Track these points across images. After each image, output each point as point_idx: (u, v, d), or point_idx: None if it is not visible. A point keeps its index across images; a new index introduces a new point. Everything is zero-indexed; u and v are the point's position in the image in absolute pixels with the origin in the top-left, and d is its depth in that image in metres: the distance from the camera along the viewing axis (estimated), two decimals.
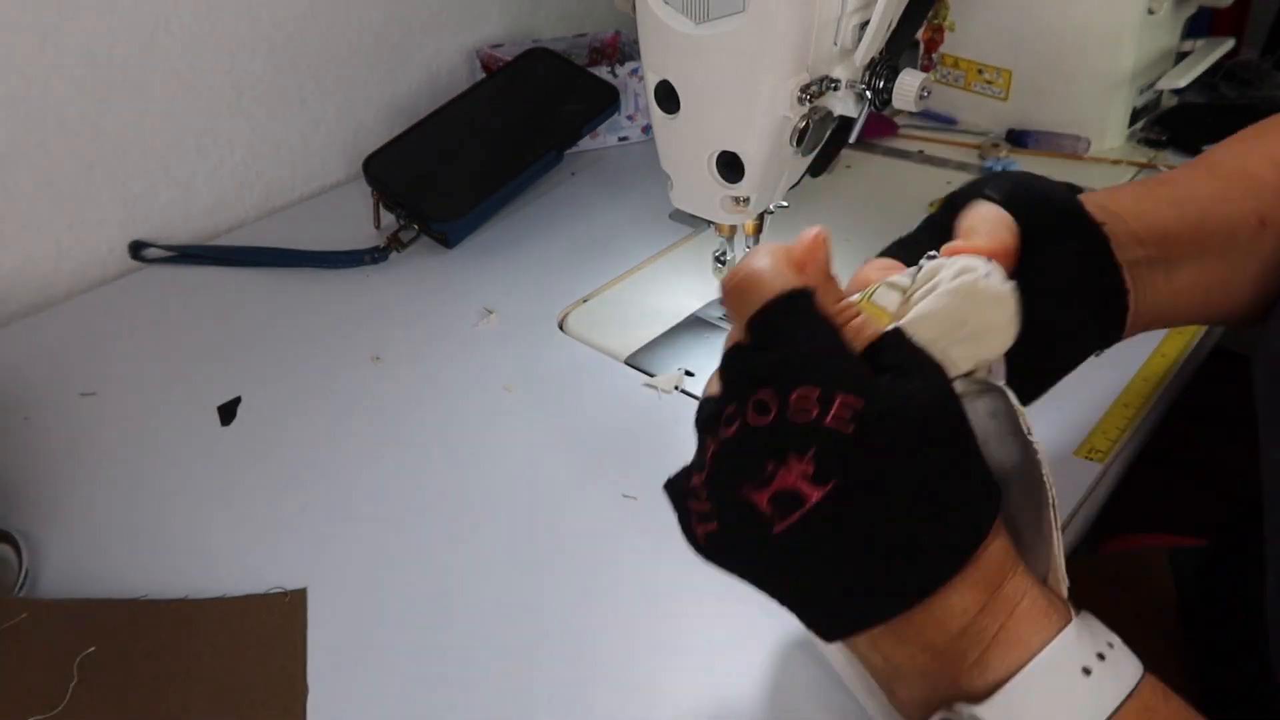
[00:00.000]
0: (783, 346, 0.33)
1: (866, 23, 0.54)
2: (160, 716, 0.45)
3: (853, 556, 0.32)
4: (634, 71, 0.95)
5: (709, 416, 0.34)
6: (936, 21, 0.97)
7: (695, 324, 0.72)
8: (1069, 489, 0.55)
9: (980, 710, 0.32)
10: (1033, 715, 0.32)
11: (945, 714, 0.34)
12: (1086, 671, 0.32)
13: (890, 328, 0.35)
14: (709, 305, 0.73)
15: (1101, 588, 0.69)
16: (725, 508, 0.33)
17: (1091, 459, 0.58)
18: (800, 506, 0.31)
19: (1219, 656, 0.59)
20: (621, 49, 1.05)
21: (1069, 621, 0.33)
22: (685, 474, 0.35)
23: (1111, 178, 0.88)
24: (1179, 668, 0.61)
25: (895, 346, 0.34)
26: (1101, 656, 0.33)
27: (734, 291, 0.35)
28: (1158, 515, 0.76)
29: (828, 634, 0.35)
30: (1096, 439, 0.59)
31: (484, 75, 0.97)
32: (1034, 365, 0.40)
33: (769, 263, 0.34)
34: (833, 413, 0.31)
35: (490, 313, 0.74)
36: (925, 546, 0.32)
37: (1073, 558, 0.42)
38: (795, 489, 0.31)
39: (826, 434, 0.31)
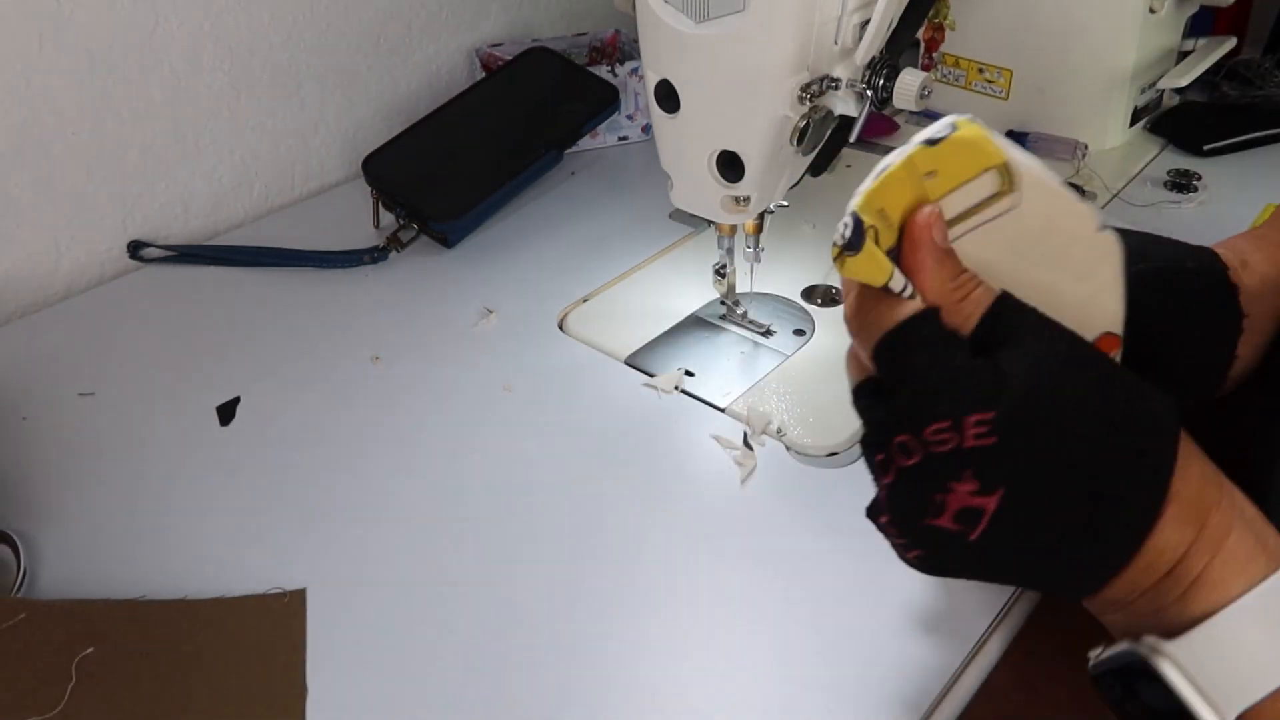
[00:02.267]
0: (905, 383, 0.34)
1: (867, 22, 0.54)
2: (159, 717, 0.45)
3: (1051, 538, 0.33)
4: (634, 71, 0.95)
5: (870, 462, 0.36)
6: (937, 21, 0.96)
7: (695, 324, 0.72)
8: None
9: (1168, 645, 0.33)
10: (1220, 660, 0.32)
11: (1131, 644, 0.34)
12: None
13: (998, 294, 0.35)
14: (709, 305, 0.73)
15: None
16: (918, 537, 0.35)
17: None
18: (983, 516, 0.33)
19: None
20: (621, 48, 1.05)
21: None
22: (876, 506, 0.37)
23: (1112, 178, 0.88)
24: None
25: (1003, 313, 0.35)
26: None
27: (856, 323, 0.36)
28: None
29: (1070, 597, 0.36)
30: None
31: (484, 75, 0.97)
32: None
33: (872, 293, 0.35)
34: (969, 434, 0.32)
35: (490, 312, 0.73)
36: (1118, 504, 0.33)
37: None
38: (970, 506, 0.33)
39: (974, 453, 0.32)
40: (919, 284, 0.35)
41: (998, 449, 0.32)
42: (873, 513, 0.37)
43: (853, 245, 0.34)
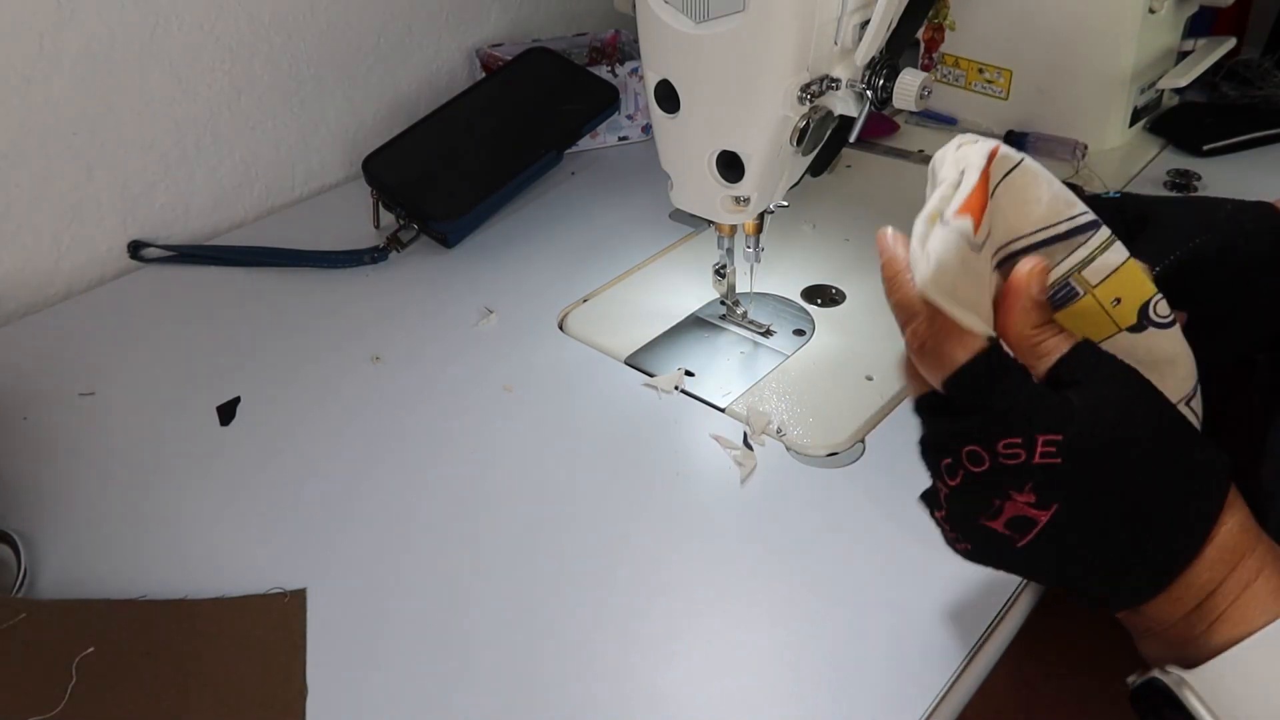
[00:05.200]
0: (980, 408, 0.36)
1: (867, 22, 0.54)
2: (159, 717, 0.45)
3: (1091, 558, 0.36)
4: (634, 71, 0.95)
5: (930, 467, 0.39)
6: (937, 21, 0.96)
7: (695, 324, 0.72)
8: None
9: (1189, 675, 0.36)
10: (1238, 689, 0.35)
11: (1159, 674, 0.37)
12: None
13: (1075, 344, 0.38)
14: (709, 305, 0.73)
15: None
16: (969, 534, 0.38)
17: None
18: (1034, 526, 0.36)
19: None
20: (621, 49, 1.05)
21: None
22: (932, 496, 0.40)
23: (1112, 178, 0.88)
24: None
25: (1081, 359, 0.37)
26: None
27: (924, 355, 0.38)
28: None
29: (1093, 609, 0.39)
30: None
31: (484, 75, 0.97)
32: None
33: (948, 324, 0.37)
34: (1038, 451, 0.35)
35: (490, 313, 0.73)
36: (1160, 539, 0.36)
37: None
38: (1024, 515, 0.36)
39: (1039, 469, 0.35)
40: (1003, 324, 0.38)
41: (1061, 469, 0.35)
42: (929, 503, 0.40)
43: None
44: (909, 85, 0.56)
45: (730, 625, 0.49)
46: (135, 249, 0.82)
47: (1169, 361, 0.41)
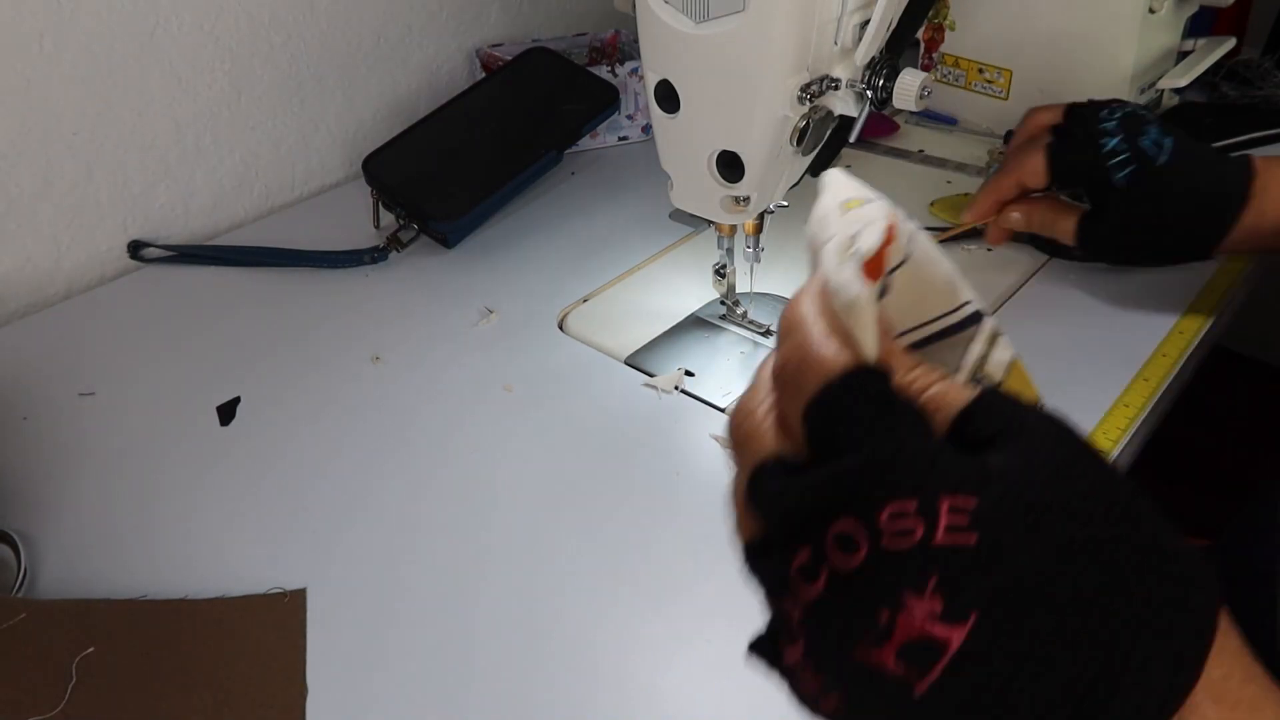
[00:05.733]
0: (853, 450, 0.24)
1: (867, 22, 0.54)
2: (159, 717, 0.45)
3: (1032, 701, 0.22)
4: (634, 71, 0.95)
5: (774, 576, 0.25)
6: (937, 21, 0.96)
7: (695, 324, 0.72)
8: None
9: None
10: None
11: None
12: None
13: (981, 391, 0.26)
14: (709, 305, 0.73)
15: None
16: (843, 677, 0.24)
17: None
18: (942, 654, 0.22)
19: None
20: (621, 49, 1.05)
21: None
22: (770, 638, 0.27)
23: None
24: None
25: (991, 411, 0.25)
26: None
27: (786, 380, 0.26)
28: None
29: None
30: (1098, 439, 0.59)
31: (484, 75, 0.97)
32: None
33: (823, 332, 0.25)
34: (942, 525, 0.23)
35: (490, 313, 0.73)
36: (1131, 667, 0.22)
37: None
38: (927, 634, 0.22)
39: (944, 555, 0.22)
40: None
41: (978, 554, 0.22)
42: (763, 652, 0.27)
43: None
44: (909, 85, 0.56)
45: (730, 625, 0.49)
46: (135, 249, 0.82)
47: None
